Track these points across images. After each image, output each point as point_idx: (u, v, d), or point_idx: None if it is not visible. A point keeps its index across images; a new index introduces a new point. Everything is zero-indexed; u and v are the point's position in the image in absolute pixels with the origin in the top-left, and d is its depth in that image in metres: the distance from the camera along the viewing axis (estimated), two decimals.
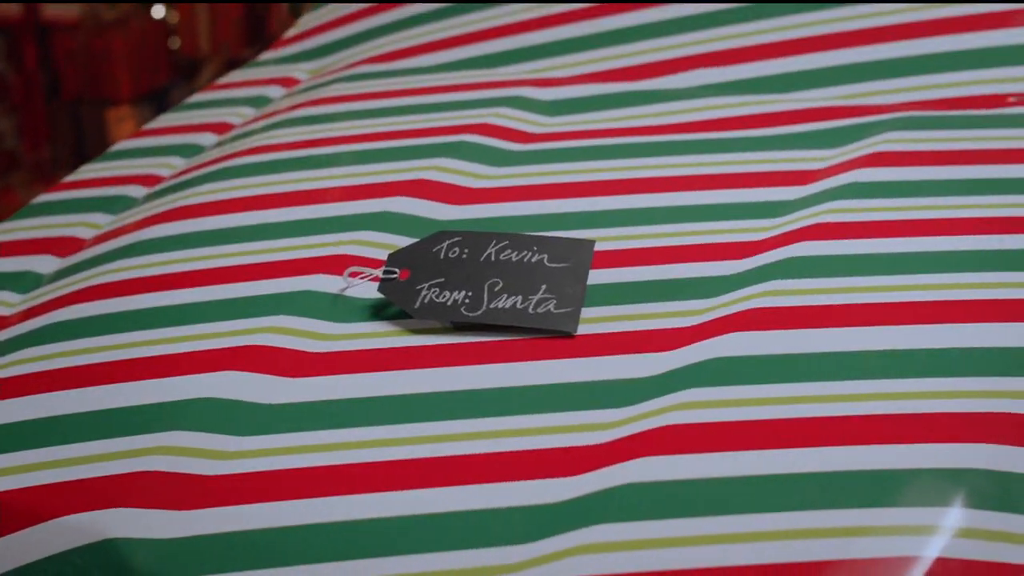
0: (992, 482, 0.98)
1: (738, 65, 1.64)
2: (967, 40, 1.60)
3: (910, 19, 1.63)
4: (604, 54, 1.71)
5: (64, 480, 1.08)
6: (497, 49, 1.77)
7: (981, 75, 1.57)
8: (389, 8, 1.92)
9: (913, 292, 1.18)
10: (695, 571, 0.92)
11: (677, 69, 1.65)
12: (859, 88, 1.57)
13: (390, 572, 0.97)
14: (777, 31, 1.66)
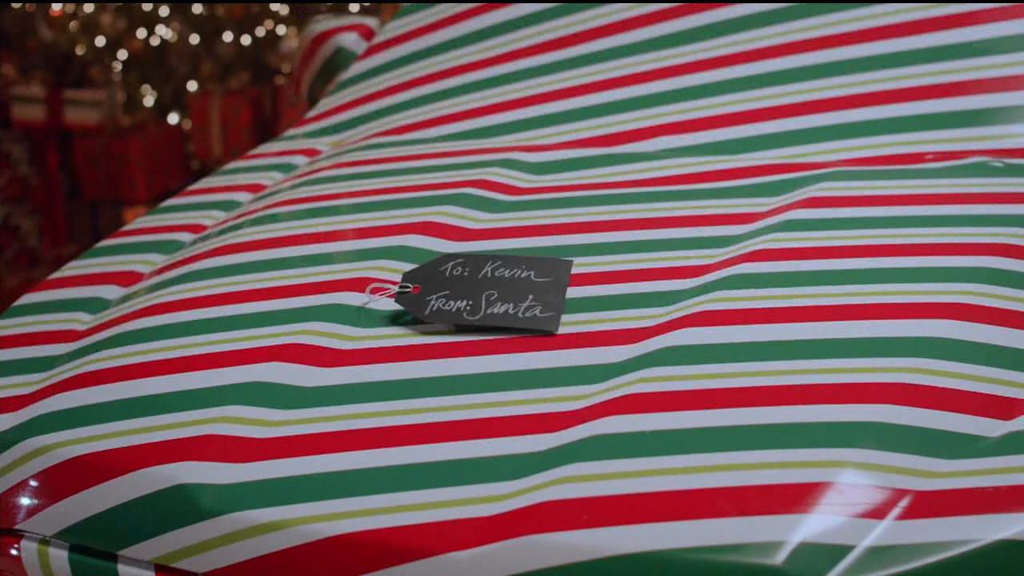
0: (895, 432, 1.24)
1: (695, 132, 1.93)
2: (890, 110, 1.89)
3: (839, 93, 1.93)
4: (582, 125, 2.00)
5: (146, 442, 1.34)
6: (492, 123, 2.06)
7: (902, 138, 1.85)
8: (397, 91, 2.22)
9: (841, 298, 1.45)
10: (659, 493, 1.18)
11: (644, 136, 1.94)
12: (798, 150, 1.86)
13: (404, 503, 1.22)
14: (728, 104, 1.95)
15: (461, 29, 2.31)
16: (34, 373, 1.54)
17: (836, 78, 1.95)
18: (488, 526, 1.19)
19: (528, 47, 2.20)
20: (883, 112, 1.90)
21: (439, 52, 2.28)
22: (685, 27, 2.11)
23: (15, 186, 4.89)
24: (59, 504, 1.33)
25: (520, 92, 2.11)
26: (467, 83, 2.17)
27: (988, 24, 1.98)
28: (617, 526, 1.17)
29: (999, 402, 1.30)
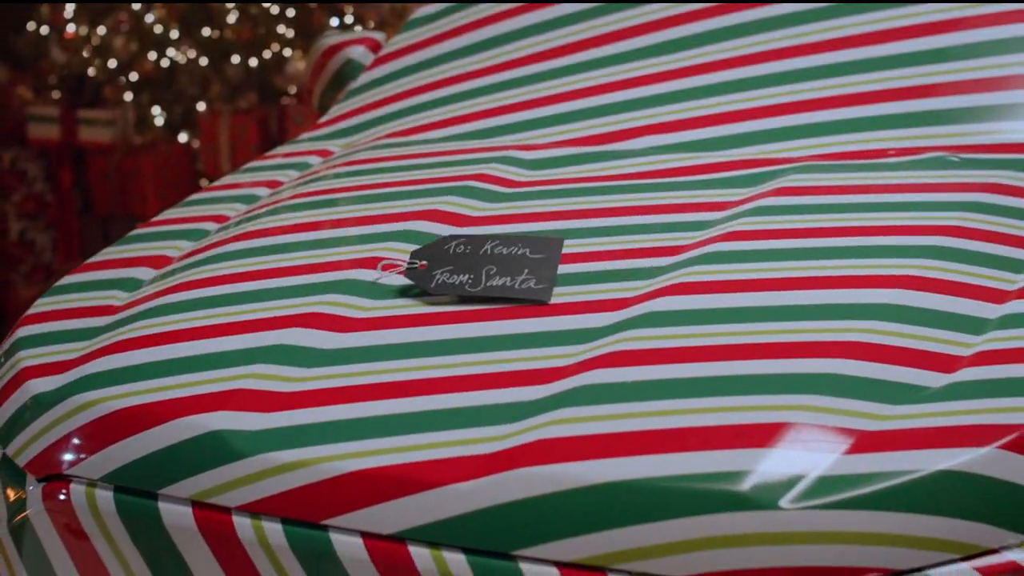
0: (847, 382, 1.40)
1: (678, 132, 2.10)
2: (855, 111, 2.06)
3: (809, 96, 2.10)
4: (573, 127, 2.17)
5: (182, 396, 1.50)
6: (491, 125, 2.23)
7: (866, 136, 2.03)
8: (403, 97, 2.39)
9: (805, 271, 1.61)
10: (637, 432, 1.34)
11: (631, 136, 2.11)
12: (771, 147, 2.03)
13: (412, 444, 1.38)
14: (708, 107, 2.13)
15: (462, 41, 2.48)
16: (77, 342, 1.70)
17: (806, 83, 2.12)
18: (487, 462, 1.35)
19: (523, 57, 2.37)
20: (849, 113, 2.07)
21: (442, 62, 2.46)
22: (668, 38, 2.28)
23: (31, 202, 5.06)
24: (105, 451, 1.50)
25: (516, 97, 2.28)
26: (468, 90, 2.35)
27: (946, 34, 2.16)
28: (600, 459, 1.33)
29: (942, 358, 1.46)
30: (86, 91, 5.19)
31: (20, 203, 5.05)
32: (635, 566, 1.28)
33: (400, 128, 2.32)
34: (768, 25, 2.24)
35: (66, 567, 1.51)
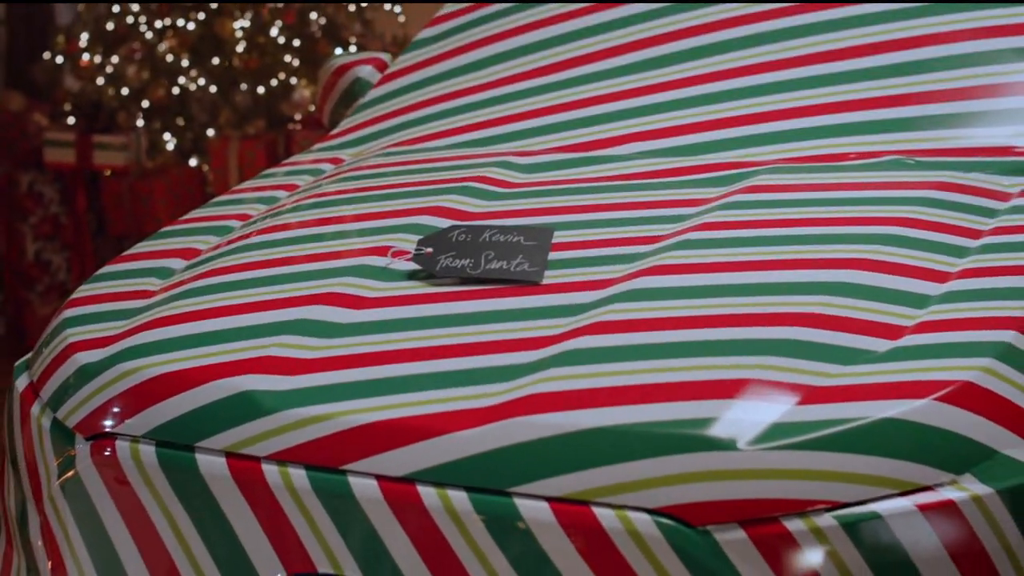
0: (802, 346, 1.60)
1: (659, 139, 2.30)
2: (820, 119, 2.27)
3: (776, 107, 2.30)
4: (564, 135, 2.37)
5: (216, 362, 1.70)
6: (490, 134, 2.43)
7: (830, 142, 2.23)
8: (408, 111, 2.59)
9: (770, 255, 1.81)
10: (616, 387, 1.53)
11: (617, 143, 2.31)
12: (743, 152, 2.23)
13: (418, 400, 1.57)
14: (686, 116, 2.33)
15: (462, 60, 2.69)
16: (117, 320, 1.90)
17: (774, 95, 2.33)
18: (485, 413, 1.55)
19: (518, 73, 2.58)
20: (814, 122, 2.27)
21: (444, 79, 2.66)
22: (648, 56, 2.49)
23: (47, 224, 5.26)
24: (147, 411, 1.69)
25: (512, 109, 2.49)
26: (467, 103, 2.55)
27: (902, 51, 2.36)
28: (583, 410, 1.52)
29: (888, 327, 1.66)
30: (101, 117, 5.39)
31: (37, 225, 5.24)
32: (613, 499, 1.47)
33: (406, 138, 2.52)
34: (740, 44, 2.44)
35: (112, 515, 1.70)
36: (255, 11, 5.57)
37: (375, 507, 1.54)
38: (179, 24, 5.50)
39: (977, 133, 2.25)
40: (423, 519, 1.52)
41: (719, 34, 2.48)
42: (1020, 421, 1.55)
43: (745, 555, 1.44)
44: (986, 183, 2.08)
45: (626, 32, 2.56)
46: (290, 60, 5.58)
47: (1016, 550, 1.49)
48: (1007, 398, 1.56)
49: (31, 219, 5.24)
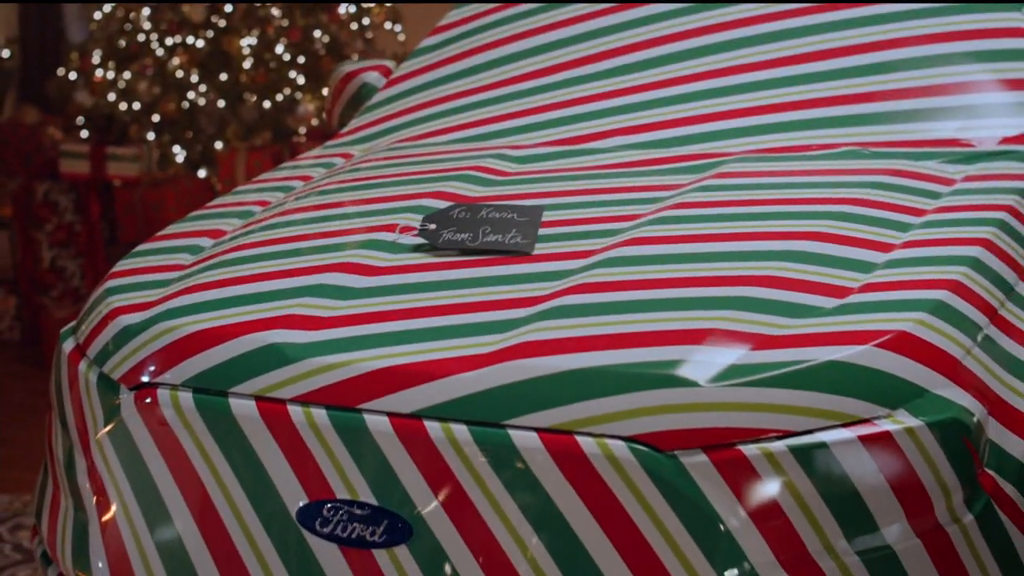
0: (759, 303, 1.83)
1: (640, 134, 2.54)
2: (785, 116, 2.50)
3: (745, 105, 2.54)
4: (554, 131, 2.61)
5: (246, 320, 1.93)
6: (486, 131, 2.67)
7: (794, 135, 2.46)
8: (411, 111, 2.83)
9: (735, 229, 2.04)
10: (597, 336, 1.76)
11: (601, 137, 2.55)
12: (715, 144, 2.47)
13: (424, 349, 1.80)
14: (664, 114, 2.57)
15: (461, 65, 2.93)
16: (155, 288, 2.13)
17: (743, 94, 2.57)
18: (483, 358, 1.78)
19: (511, 77, 2.82)
20: (780, 118, 2.51)
21: (444, 82, 2.90)
22: (630, 60, 2.73)
23: (61, 232, 5.49)
24: (184, 363, 1.92)
25: (507, 109, 2.73)
26: (466, 103, 2.79)
27: (859, 55, 2.60)
28: (567, 354, 1.75)
29: (836, 288, 1.89)
30: (113, 130, 5.63)
31: (52, 233, 5.47)
32: (594, 429, 1.70)
33: (410, 135, 2.76)
34: (712, 50, 2.69)
35: (153, 455, 1.92)
36: (261, 29, 5.81)
37: (387, 440, 1.77)
38: (189, 41, 5.74)
39: (927, 127, 2.49)
40: (428, 449, 1.75)
41: (693, 40, 2.72)
42: (948, 365, 1.79)
43: (707, 476, 1.67)
44: (932, 170, 2.31)
45: (609, 39, 2.80)
46: (295, 76, 5.82)
47: (943, 476, 1.72)
48: (937, 346, 1.79)
49: (46, 227, 5.47)
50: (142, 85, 5.70)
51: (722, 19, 2.77)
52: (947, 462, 1.72)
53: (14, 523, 3.76)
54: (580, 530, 1.70)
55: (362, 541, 1.78)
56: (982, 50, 2.61)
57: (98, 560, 1.96)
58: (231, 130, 5.69)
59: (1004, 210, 2.15)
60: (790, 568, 1.67)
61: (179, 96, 5.70)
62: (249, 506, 1.84)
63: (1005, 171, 2.32)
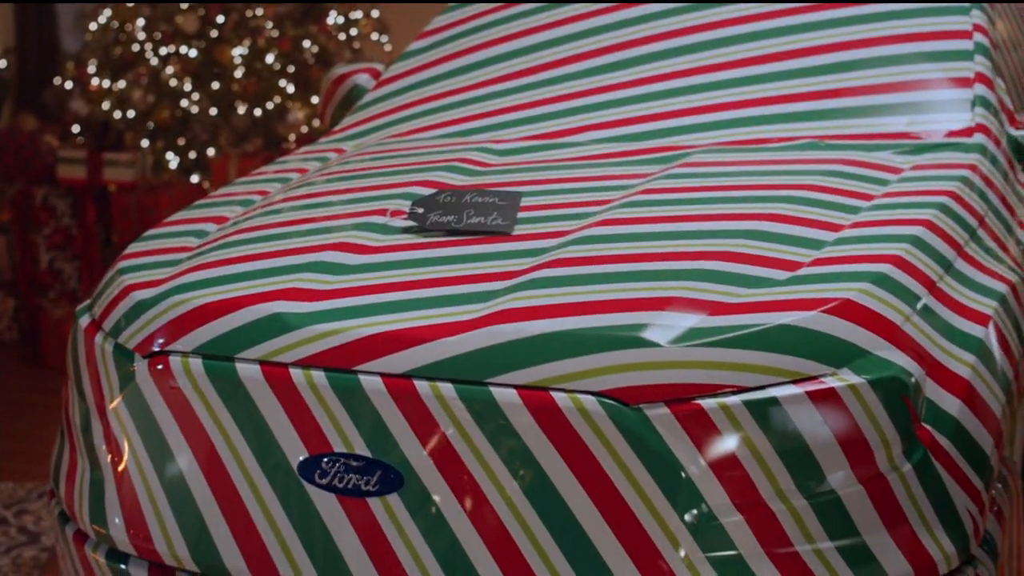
0: (717, 274, 2.01)
1: (613, 128, 2.73)
2: (748, 111, 2.70)
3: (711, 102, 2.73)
4: (533, 127, 2.80)
5: (250, 293, 2.10)
6: (470, 127, 2.86)
7: (756, 129, 2.65)
8: (400, 110, 3.02)
9: (696, 210, 2.22)
10: (570, 303, 1.95)
11: (577, 132, 2.74)
12: (683, 138, 2.66)
13: (412, 316, 1.98)
14: (635, 111, 2.76)
15: (445, 67, 3.12)
16: (165, 267, 2.31)
17: (709, 92, 2.76)
18: (467, 324, 1.96)
19: (493, 78, 3.01)
20: (743, 113, 2.71)
21: (430, 83, 3.09)
22: (602, 62, 2.93)
23: (59, 235, 5.66)
24: (194, 332, 2.10)
25: (489, 107, 2.92)
26: (451, 102, 2.98)
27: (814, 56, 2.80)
28: (542, 319, 1.94)
29: (788, 263, 2.08)
30: (109, 137, 5.81)
31: (50, 236, 5.64)
32: (567, 385, 1.88)
33: (399, 131, 2.95)
34: (680, 51, 2.89)
35: (166, 417, 2.10)
36: (252, 39, 5.99)
37: (380, 398, 1.95)
38: (182, 51, 5.92)
39: (879, 122, 2.68)
40: (418, 406, 1.93)
41: (663, 43, 2.92)
42: (889, 330, 1.97)
43: (669, 427, 1.86)
44: (883, 160, 2.51)
45: (584, 42, 3.00)
46: (285, 85, 6.00)
47: (884, 428, 1.90)
48: (879, 312, 1.98)
49: (44, 230, 5.64)
50: (137, 93, 5.88)
51: (689, 24, 2.96)
52: (887, 416, 1.91)
53: (18, 508, 3.92)
54: (555, 477, 1.88)
55: (357, 490, 1.95)
56: (931, 51, 2.81)
57: (114, 515, 2.14)
58: (223, 137, 5.87)
59: (946, 195, 2.35)
60: (744, 510, 1.86)
61: (173, 104, 5.88)
62: (254, 461, 2.02)
63: (949, 161, 2.51)
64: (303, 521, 1.99)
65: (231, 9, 5.97)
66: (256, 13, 6.00)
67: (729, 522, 1.86)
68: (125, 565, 2.13)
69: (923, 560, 1.92)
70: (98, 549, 2.18)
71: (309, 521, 1.98)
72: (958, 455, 1.97)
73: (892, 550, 1.90)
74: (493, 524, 1.90)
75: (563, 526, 1.87)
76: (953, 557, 1.95)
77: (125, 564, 2.13)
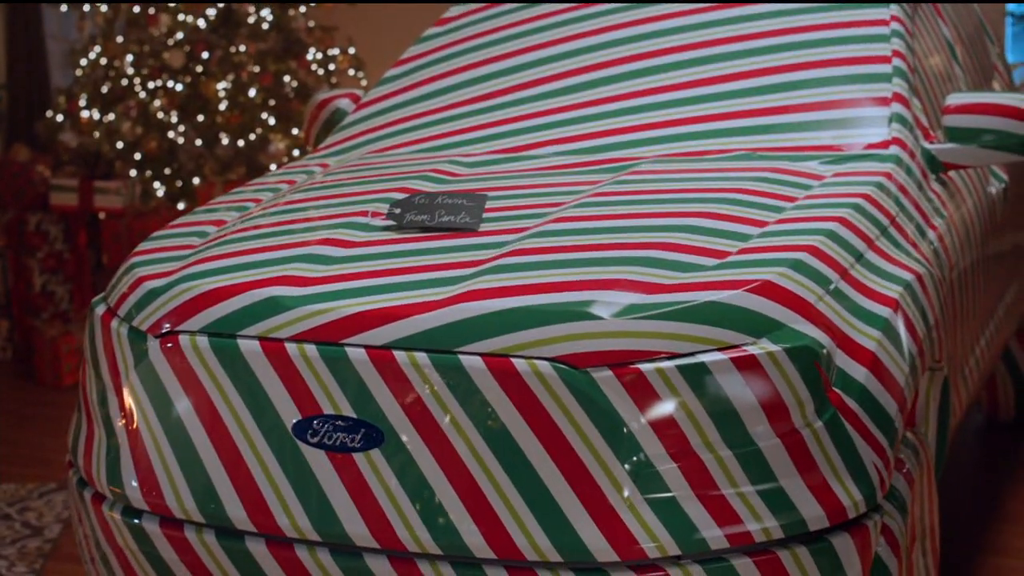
0: (655, 260, 2.33)
1: (570, 143, 3.05)
2: (690, 127, 3.02)
3: (657, 120, 3.06)
4: (497, 143, 3.13)
5: (249, 280, 2.41)
6: (441, 143, 3.18)
7: (696, 143, 2.98)
8: (378, 130, 3.34)
9: (637, 209, 2.54)
10: (526, 284, 2.26)
11: (538, 146, 3.06)
12: (632, 151, 2.99)
13: (391, 297, 2.29)
14: (589, 128, 3.08)
15: (418, 92, 3.45)
16: (172, 262, 2.61)
17: (656, 111, 3.10)
18: (439, 302, 2.27)
19: (462, 100, 3.34)
20: (686, 129, 3.04)
21: (405, 106, 3.41)
22: (557, 87, 3.26)
23: (52, 259, 5.95)
24: (200, 314, 2.40)
25: (458, 125, 3.24)
26: (424, 122, 3.30)
27: (756, 78, 3.13)
28: (503, 298, 2.25)
29: (718, 252, 2.40)
30: (100, 166, 6.11)
31: (43, 260, 5.93)
32: (525, 353, 2.19)
33: (377, 148, 3.26)
34: (630, 75, 3.22)
35: (176, 389, 2.40)
36: (236, 74, 6.31)
37: (363, 367, 2.25)
38: (169, 85, 6.24)
39: (807, 136, 3.01)
40: (396, 372, 2.23)
41: (614, 68, 3.25)
42: (803, 307, 2.29)
43: (613, 387, 2.17)
44: (808, 169, 2.84)
45: (542, 68, 3.33)
46: (266, 117, 6.32)
47: (798, 390, 2.21)
48: (795, 292, 2.30)
49: (38, 255, 5.93)
50: (126, 125, 6.18)
51: (638, 51, 3.30)
52: (800, 380, 2.22)
53: (21, 506, 4.20)
54: (515, 431, 2.18)
55: (344, 447, 2.26)
56: (854, 74, 3.15)
57: (129, 477, 2.43)
58: (208, 166, 6.17)
59: (860, 197, 2.68)
60: (677, 459, 2.17)
61: (160, 135, 6.18)
62: (254, 424, 2.32)
63: (866, 169, 2.85)
64: (297, 475, 2.29)
65: (215, 46, 6.29)
66: (239, 50, 6.32)
67: (664, 469, 2.17)
68: (139, 520, 2.42)
69: (833, 505, 2.23)
70: (114, 508, 2.47)
71: (302, 475, 2.28)
72: (865, 416, 2.28)
73: (806, 495, 2.21)
74: (462, 473, 2.20)
75: (522, 473, 2.18)
76: (860, 503, 2.26)
77: (139, 519, 2.42)
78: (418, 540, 2.21)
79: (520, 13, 3.58)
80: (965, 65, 3.79)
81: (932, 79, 3.41)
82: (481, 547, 2.19)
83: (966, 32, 3.97)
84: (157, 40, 6.28)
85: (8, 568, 3.71)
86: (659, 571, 2.16)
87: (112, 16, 6.43)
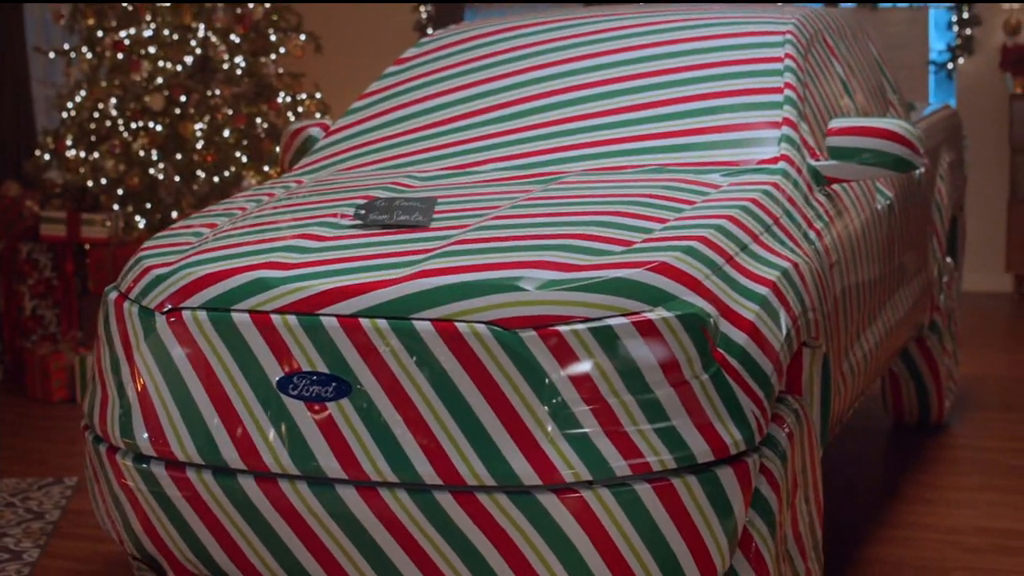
0: (573, 247, 2.87)
1: (510, 160, 3.59)
2: (614, 147, 3.57)
3: (587, 140, 3.61)
4: (449, 160, 3.67)
5: (239, 266, 2.93)
6: (401, 162, 3.72)
7: (617, 160, 3.53)
8: (346, 152, 3.87)
9: (567, 208, 3.08)
10: (471, 265, 2.79)
11: (482, 164, 3.61)
12: (564, 166, 3.53)
13: (353, 278, 2.81)
14: (525, 148, 3.63)
15: (381, 120, 3.99)
16: (174, 255, 3.13)
17: (584, 133, 3.64)
18: (396, 280, 2.80)
19: (418, 127, 3.88)
20: (608, 149, 3.59)
21: (369, 132, 3.95)
22: (503, 113, 3.81)
23: (41, 285, 6.44)
24: (200, 293, 2.91)
25: (414, 147, 3.79)
26: (384, 145, 3.85)
27: (669, 105, 3.69)
28: (449, 275, 2.78)
29: (625, 241, 2.94)
30: (87, 200, 6.61)
31: (33, 286, 6.42)
32: (467, 318, 2.71)
33: (345, 167, 3.80)
34: (562, 104, 3.77)
35: (179, 356, 2.90)
36: (212, 116, 6.84)
37: (335, 332, 2.77)
38: (150, 126, 6.76)
39: (710, 153, 3.56)
40: (362, 336, 2.75)
41: (548, 99, 3.81)
42: (692, 283, 2.83)
43: (536, 345, 2.69)
44: (708, 179, 3.39)
45: (485, 100, 3.88)
46: (240, 156, 6.84)
47: (687, 349, 2.74)
48: (686, 271, 2.84)
49: (28, 281, 6.42)
50: (110, 163, 6.69)
51: (568, 84, 3.86)
52: (690, 341, 2.75)
53: (23, 496, 4.68)
54: (458, 382, 2.70)
55: (319, 397, 2.77)
56: (751, 103, 3.71)
57: (140, 430, 2.93)
58: (186, 200, 6.68)
59: (749, 201, 3.22)
60: (589, 403, 2.69)
61: (142, 172, 6.69)
62: (244, 381, 2.83)
63: (757, 180, 3.40)
64: (280, 422, 2.79)
65: (193, 90, 6.81)
66: (215, 93, 6.85)
67: (579, 411, 2.69)
68: (147, 465, 2.92)
69: (717, 442, 2.75)
70: (126, 457, 2.97)
71: (285, 421, 2.79)
72: (744, 372, 2.81)
73: (694, 433, 2.73)
74: (415, 416, 2.71)
75: (464, 415, 2.69)
76: (740, 443, 2.78)
77: (147, 464, 2.92)
78: (379, 471, 2.72)
79: (466, 54, 4.14)
80: (857, 99, 4.36)
81: (822, 107, 3.97)
82: (431, 475, 2.70)
83: (861, 71, 4.54)
84: (139, 85, 6.80)
85: (16, 544, 4.19)
86: (574, 493, 2.67)
87: (97, 63, 6.95)
